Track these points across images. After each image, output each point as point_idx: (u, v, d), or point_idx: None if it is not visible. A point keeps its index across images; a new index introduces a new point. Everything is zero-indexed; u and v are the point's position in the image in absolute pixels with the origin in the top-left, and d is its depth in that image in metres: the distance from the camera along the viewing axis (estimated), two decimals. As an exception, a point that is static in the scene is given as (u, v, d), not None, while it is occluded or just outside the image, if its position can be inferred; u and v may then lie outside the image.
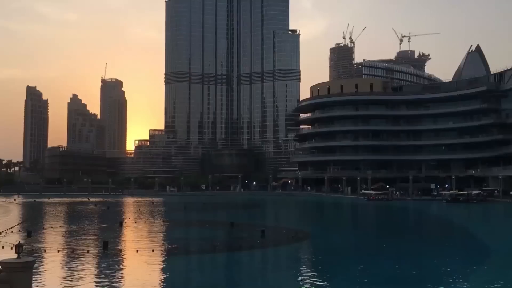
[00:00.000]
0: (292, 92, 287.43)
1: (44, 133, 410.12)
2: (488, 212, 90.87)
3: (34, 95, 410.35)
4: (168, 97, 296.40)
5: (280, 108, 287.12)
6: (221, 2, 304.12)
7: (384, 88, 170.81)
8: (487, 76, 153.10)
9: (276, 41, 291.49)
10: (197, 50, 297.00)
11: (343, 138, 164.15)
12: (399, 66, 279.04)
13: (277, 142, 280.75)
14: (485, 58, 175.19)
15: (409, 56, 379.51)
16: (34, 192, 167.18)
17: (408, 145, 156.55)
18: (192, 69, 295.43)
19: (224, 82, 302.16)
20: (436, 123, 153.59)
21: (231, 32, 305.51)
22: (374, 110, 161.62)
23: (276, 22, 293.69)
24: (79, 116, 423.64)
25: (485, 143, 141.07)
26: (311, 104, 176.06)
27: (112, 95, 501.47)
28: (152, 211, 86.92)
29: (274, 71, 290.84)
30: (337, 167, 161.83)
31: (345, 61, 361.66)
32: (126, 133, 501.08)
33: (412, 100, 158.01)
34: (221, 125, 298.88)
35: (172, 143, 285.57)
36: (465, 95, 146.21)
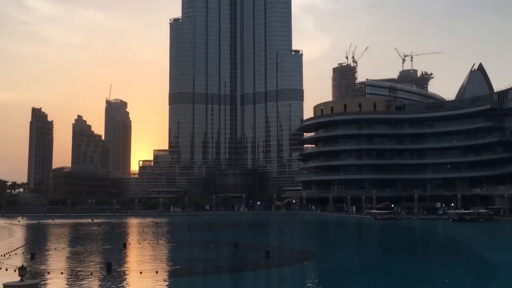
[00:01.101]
0: (296, 112, 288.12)
1: (48, 154, 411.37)
2: (495, 231, 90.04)
3: (40, 117, 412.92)
4: (172, 117, 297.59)
5: (284, 127, 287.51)
6: (225, 23, 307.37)
7: (387, 107, 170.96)
8: (490, 95, 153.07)
9: (279, 61, 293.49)
10: (201, 71, 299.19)
11: (347, 157, 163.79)
12: (402, 85, 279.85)
13: (281, 161, 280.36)
14: (488, 76, 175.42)
15: (412, 75, 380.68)
16: (38, 213, 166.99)
17: (412, 164, 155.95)
18: (196, 90, 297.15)
19: (228, 102, 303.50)
20: (440, 141, 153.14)
21: (235, 52, 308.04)
22: (377, 129, 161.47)
23: (279, 42, 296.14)
24: (83, 137, 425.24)
25: (490, 161, 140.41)
26: (315, 123, 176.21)
27: (117, 116, 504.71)
28: (156, 232, 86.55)
29: (278, 91, 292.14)
30: (341, 186, 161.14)
31: (348, 80, 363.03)
32: (130, 153, 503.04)
33: (416, 118, 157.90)
34: (225, 145, 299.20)
35: (176, 163, 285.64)
36: (468, 114, 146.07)
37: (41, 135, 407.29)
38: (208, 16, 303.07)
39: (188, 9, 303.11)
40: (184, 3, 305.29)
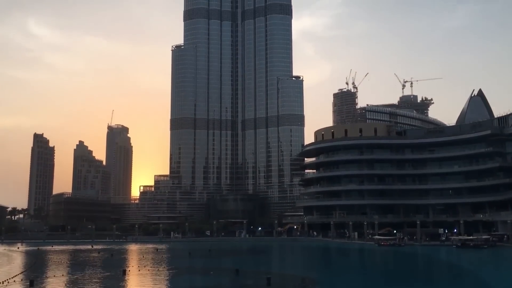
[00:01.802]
0: (297, 137, 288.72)
1: (49, 180, 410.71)
2: (500, 258, 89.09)
3: (41, 142, 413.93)
4: (174, 142, 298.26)
5: (285, 152, 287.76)
6: (226, 49, 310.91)
7: (388, 132, 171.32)
8: (490, 120, 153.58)
9: (280, 87, 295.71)
10: (202, 96, 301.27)
11: (348, 183, 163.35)
12: (402, 110, 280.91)
13: (282, 186, 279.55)
14: (488, 102, 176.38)
15: (412, 100, 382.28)
16: (37, 239, 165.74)
17: (414, 189, 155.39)
18: (197, 115, 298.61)
19: (229, 127, 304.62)
20: (441, 167, 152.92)
21: (236, 78, 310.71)
22: (379, 154, 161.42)
23: (280, 68, 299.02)
24: (84, 163, 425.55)
25: (492, 187, 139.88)
26: (316, 148, 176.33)
27: (118, 141, 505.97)
28: (156, 258, 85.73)
29: (279, 116, 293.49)
30: (343, 211, 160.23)
31: (349, 106, 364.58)
32: (131, 179, 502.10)
33: (417, 144, 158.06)
34: (226, 170, 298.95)
35: (177, 188, 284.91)
36: (469, 139, 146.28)
37: (42, 161, 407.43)
38: (210, 43, 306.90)
39: (190, 36, 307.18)
40: (186, 30, 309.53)
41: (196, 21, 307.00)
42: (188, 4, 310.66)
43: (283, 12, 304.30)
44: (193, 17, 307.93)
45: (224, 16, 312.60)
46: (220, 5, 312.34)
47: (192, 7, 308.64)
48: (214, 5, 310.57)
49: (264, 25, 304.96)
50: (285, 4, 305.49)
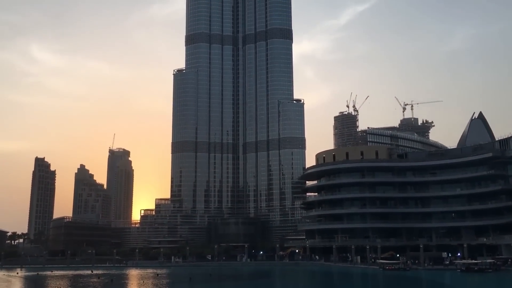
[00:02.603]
0: (298, 160, 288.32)
1: (50, 204, 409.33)
2: (506, 282, 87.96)
3: (42, 166, 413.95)
4: (175, 166, 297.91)
5: (286, 176, 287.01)
6: (227, 73, 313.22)
7: (389, 155, 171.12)
8: (492, 143, 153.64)
9: (281, 110, 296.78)
10: (204, 120, 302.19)
11: (350, 206, 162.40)
12: (403, 133, 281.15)
13: (284, 210, 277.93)
14: (488, 124, 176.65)
15: (413, 123, 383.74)
16: (37, 264, 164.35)
17: (416, 213, 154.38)
18: (198, 138, 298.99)
19: (230, 150, 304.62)
20: (444, 189, 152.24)
21: (237, 101, 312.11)
22: (380, 177, 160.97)
23: (280, 91, 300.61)
24: (85, 187, 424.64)
25: (495, 210, 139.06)
26: (317, 171, 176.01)
27: (119, 165, 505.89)
28: (156, 283, 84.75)
29: (280, 139, 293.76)
30: (345, 235, 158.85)
31: (350, 128, 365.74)
32: (132, 202, 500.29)
33: (419, 166, 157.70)
34: (227, 193, 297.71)
35: (178, 212, 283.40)
36: (471, 162, 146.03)
37: (43, 185, 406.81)
38: (211, 67, 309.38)
39: (191, 60, 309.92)
40: (187, 55, 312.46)
41: (197, 45, 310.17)
42: (189, 29, 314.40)
43: (283, 37, 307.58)
44: (194, 42, 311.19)
45: (225, 40, 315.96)
46: (221, 30, 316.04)
47: (193, 32, 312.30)
48: (215, 30, 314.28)
49: (265, 49, 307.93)
50: (285, 28, 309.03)
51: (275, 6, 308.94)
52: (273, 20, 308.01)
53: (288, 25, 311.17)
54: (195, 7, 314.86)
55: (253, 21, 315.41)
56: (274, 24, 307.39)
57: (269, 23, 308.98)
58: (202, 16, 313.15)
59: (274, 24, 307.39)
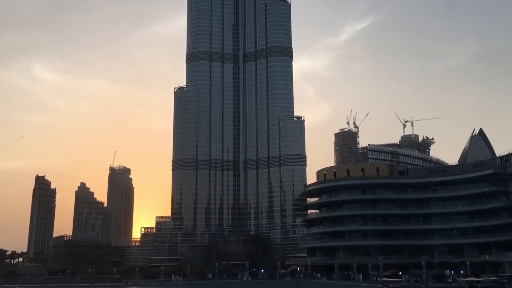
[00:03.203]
0: (299, 177, 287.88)
1: (50, 223, 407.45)
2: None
3: (43, 185, 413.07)
4: (175, 183, 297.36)
5: (287, 193, 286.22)
6: (228, 91, 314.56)
7: (390, 172, 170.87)
8: (493, 159, 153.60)
9: (282, 127, 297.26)
10: (204, 137, 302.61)
11: (351, 223, 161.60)
12: (404, 150, 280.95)
13: (285, 227, 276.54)
14: (489, 141, 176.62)
15: (414, 140, 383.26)
16: (36, 284, 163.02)
17: (418, 230, 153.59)
18: (199, 156, 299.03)
19: (231, 168, 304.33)
20: (445, 206, 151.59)
21: (238, 119, 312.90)
22: (381, 194, 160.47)
23: (281, 109, 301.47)
24: (85, 205, 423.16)
25: (497, 226, 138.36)
26: (318, 188, 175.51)
27: (120, 183, 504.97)
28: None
29: (280, 156, 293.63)
30: (347, 253, 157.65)
31: (350, 145, 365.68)
32: (132, 220, 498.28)
33: (420, 183, 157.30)
34: (228, 211, 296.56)
35: (178, 230, 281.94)
36: (472, 178, 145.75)
37: (43, 203, 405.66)
38: (211, 85, 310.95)
39: (192, 78, 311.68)
40: (188, 73, 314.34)
41: (198, 63, 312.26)
42: (190, 47, 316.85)
43: (283, 54, 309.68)
44: (195, 60, 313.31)
45: (225, 58, 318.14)
46: (222, 48, 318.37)
47: (194, 50, 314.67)
48: (216, 48, 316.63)
49: (265, 66, 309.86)
50: (285, 46, 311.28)
51: (275, 24, 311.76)
52: (273, 38, 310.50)
53: (288, 43, 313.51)
54: (196, 26, 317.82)
55: (253, 39, 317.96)
56: (274, 42, 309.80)
57: (269, 41, 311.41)
58: (202, 34, 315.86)
59: (274, 42, 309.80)
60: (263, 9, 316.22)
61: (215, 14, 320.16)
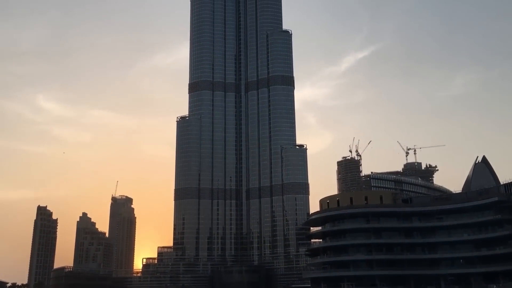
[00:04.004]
0: (302, 206, 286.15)
1: (51, 254, 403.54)
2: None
3: (44, 215, 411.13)
4: (178, 213, 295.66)
5: (290, 222, 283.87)
6: (230, 120, 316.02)
7: (394, 200, 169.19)
8: (497, 187, 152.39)
9: (284, 156, 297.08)
10: (207, 166, 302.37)
11: (356, 252, 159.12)
12: (407, 177, 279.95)
13: (288, 257, 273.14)
14: (492, 168, 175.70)
15: (417, 168, 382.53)
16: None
17: (424, 259, 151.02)
18: (201, 185, 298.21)
19: (234, 196, 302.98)
20: (450, 235, 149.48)
21: (240, 147, 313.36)
22: (385, 222, 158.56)
23: (283, 137, 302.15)
24: (87, 235, 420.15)
25: (504, 255, 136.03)
26: (321, 217, 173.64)
27: (122, 213, 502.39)
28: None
29: (283, 185, 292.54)
30: (351, 283, 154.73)
31: (353, 173, 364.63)
32: (134, 250, 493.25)
33: (424, 211, 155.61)
34: (230, 240, 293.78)
35: (180, 260, 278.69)
36: (477, 206, 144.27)
37: (45, 234, 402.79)
38: (214, 114, 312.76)
39: (194, 107, 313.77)
40: (191, 102, 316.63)
41: (200, 93, 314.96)
42: (193, 77, 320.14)
43: (285, 83, 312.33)
44: (197, 89, 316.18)
45: (228, 87, 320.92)
46: (224, 78, 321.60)
47: (196, 79, 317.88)
48: (218, 77, 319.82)
49: (267, 95, 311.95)
50: (287, 76, 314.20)
51: (277, 54, 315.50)
52: (275, 68, 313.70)
53: (290, 72, 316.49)
54: (198, 56, 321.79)
55: (255, 68, 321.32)
56: (276, 71, 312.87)
57: (271, 70, 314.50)
58: (205, 64, 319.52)
59: (276, 71, 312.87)
60: (264, 39, 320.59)
61: (217, 44, 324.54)
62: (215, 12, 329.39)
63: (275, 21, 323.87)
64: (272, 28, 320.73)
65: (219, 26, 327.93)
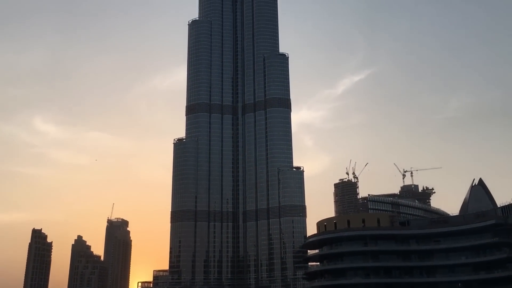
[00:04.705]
0: (299, 228, 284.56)
1: (45, 277, 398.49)
2: None
3: (39, 238, 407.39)
4: (174, 235, 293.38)
5: (287, 244, 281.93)
6: (227, 142, 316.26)
7: (391, 223, 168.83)
8: (494, 209, 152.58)
9: (281, 178, 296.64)
10: (203, 188, 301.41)
11: (354, 276, 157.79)
12: (404, 200, 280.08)
13: (286, 280, 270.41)
14: (489, 191, 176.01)
15: (414, 190, 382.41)
16: None
17: (422, 282, 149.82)
18: (198, 207, 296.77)
19: (230, 219, 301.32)
20: (449, 258, 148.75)
21: (237, 170, 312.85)
22: (383, 245, 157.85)
23: (280, 159, 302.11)
24: (82, 258, 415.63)
25: (503, 278, 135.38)
26: (319, 240, 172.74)
27: (118, 235, 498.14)
28: None
29: (280, 207, 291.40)
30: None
31: (350, 196, 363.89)
32: (129, 274, 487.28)
33: (422, 234, 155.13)
34: (227, 263, 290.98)
35: (176, 284, 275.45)
36: (474, 229, 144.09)
37: (39, 257, 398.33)
38: (211, 136, 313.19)
39: (191, 130, 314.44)
40: (188, 124, 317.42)
41: (197, 115, 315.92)
42: (190, 100, 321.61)
43: (282, 106, 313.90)
44: (194, 112, 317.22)
45: (225, 110, 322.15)
46: (221, 100, 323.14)
47: (194, 102, 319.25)
48: (215, 100, 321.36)
49: (264, 118, 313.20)
50: (284, 98, 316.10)
51: (274, 77, 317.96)
52: (271, 90, 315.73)
53: (287, 94, 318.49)
54: (195, 78, 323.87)
55: (252, 90, 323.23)
56: (273, 94, 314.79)
57: (268, 93, 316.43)
58: (202, 87, 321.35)
59: (273, 94, 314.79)
60: (261, 62, 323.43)
61: (214, 67, 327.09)
62: (212, 35, 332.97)
63: (272, 44, 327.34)
64: (269, 51, 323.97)
65: (216, 49, 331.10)
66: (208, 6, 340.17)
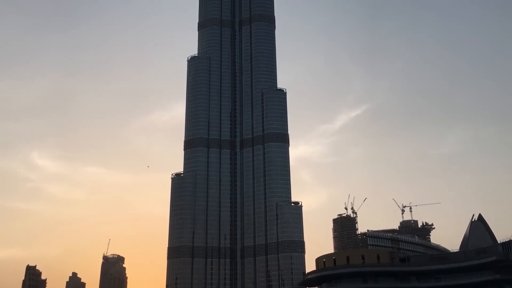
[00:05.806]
0: (298, 264, 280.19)
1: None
2: None
3: (33, 275, 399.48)
4: (170, 272, 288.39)
5: (286, 281, 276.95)
6: (225, 176, 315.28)
7: (391, 259, 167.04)
8: (494, 246, 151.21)
9: (279, 213, 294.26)
10: (201, 224, 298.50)
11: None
12: (404, 236, 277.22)
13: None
14: (489, 226, 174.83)
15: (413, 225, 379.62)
16: None
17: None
18: (195, 243, 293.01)
19: (228, 255, 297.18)
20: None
21: (235, 204, 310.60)
22: (383, 282, 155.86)
23: (278, 194, 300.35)
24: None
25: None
26: (318, 277, 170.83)
27: (113, 272, 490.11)
28: None
29: (278, 243, 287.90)
30: None
31: (349, 231, 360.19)
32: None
33: (422, 271, 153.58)
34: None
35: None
36: (475, 266, 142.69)
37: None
38: (209, 170, 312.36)
39: (189, 164, 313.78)
40: (186, 159, 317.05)
41: (195, 150, 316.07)
42: (188, 134, 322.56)
43: (280, 141, 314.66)
44: (193, 146, 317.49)
45: (223, 144, 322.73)
46: (219, 135, 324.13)
47: (192, 137, 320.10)
48: (214, 134, 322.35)
49: (262, 152, 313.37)
50: (282, 133, 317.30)
51: (272, 112, 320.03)
52: (270, 125, 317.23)
53: (285, 129, 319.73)
54: (194, 113, 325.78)
55: (250, 125, 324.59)
56: (271, 129, 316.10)
57: (266, 128, 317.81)
58: (200, 122, 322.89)
59: (271, 129, 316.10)
60: (259, 97, 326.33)
61: (213, 102, 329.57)
62: (211, 70, 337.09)
63: (270, 80, 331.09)
64: (267, 87, 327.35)
65: (215, 84, 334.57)
66: (207, 42, 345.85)
